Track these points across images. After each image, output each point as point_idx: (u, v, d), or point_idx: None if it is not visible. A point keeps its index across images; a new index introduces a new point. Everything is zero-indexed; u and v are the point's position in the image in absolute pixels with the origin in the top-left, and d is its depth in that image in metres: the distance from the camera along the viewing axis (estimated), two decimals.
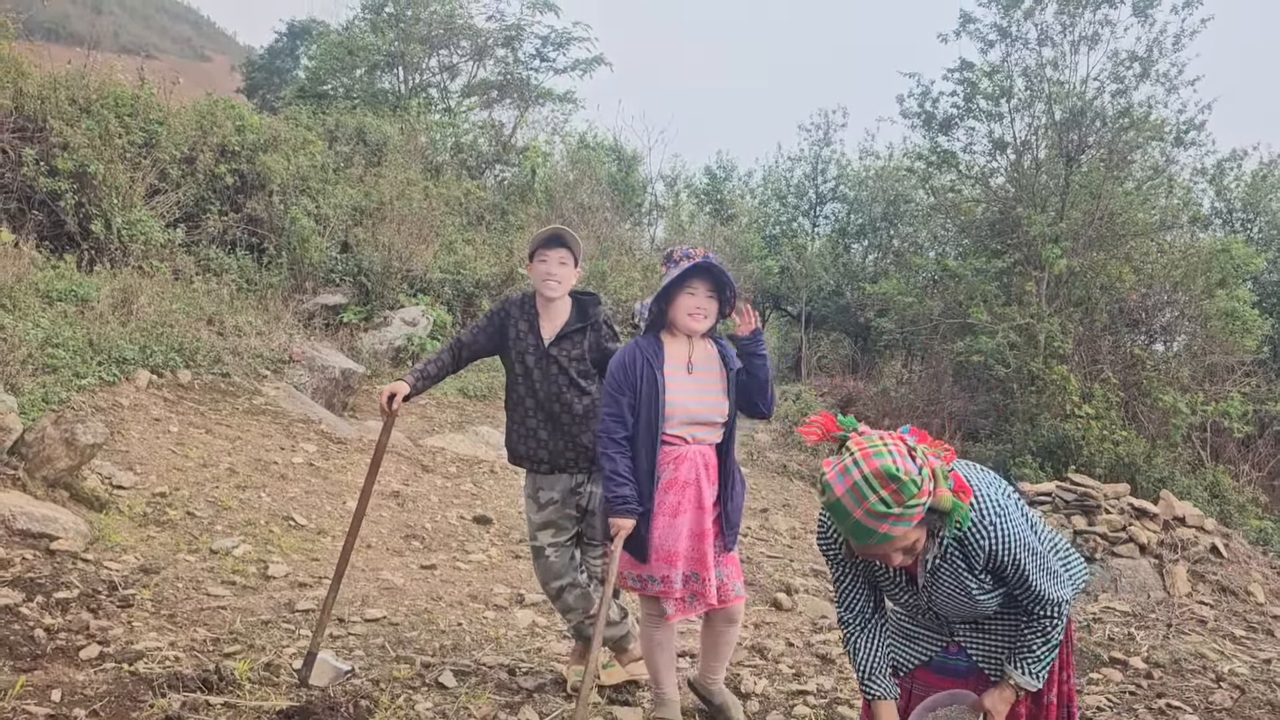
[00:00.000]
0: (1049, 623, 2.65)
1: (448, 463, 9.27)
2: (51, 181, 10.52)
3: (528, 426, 4.31)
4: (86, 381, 7.82)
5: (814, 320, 23.00)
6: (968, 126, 18.69)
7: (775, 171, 25.91)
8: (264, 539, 6.29)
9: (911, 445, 2.48)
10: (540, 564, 4.31)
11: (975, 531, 2.57)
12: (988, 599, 2.67)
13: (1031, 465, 14.46)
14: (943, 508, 2.47)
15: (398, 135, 16.77)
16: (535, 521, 4.32)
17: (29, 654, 4.07)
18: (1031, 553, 2.61)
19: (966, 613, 2.73)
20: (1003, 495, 2.68)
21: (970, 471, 2.71)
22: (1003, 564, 2.58)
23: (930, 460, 2.46)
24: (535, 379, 4.27)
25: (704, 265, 3.77)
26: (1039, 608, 2.64)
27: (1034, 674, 2.69)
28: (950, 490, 2.48)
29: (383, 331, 12.37)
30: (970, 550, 2.59)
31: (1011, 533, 2.58)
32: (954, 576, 2.62)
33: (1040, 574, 2.62)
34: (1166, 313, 17.52)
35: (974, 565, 2.60)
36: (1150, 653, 5.59)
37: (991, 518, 2.58)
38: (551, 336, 4.26)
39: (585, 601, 4.29)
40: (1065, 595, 2.65)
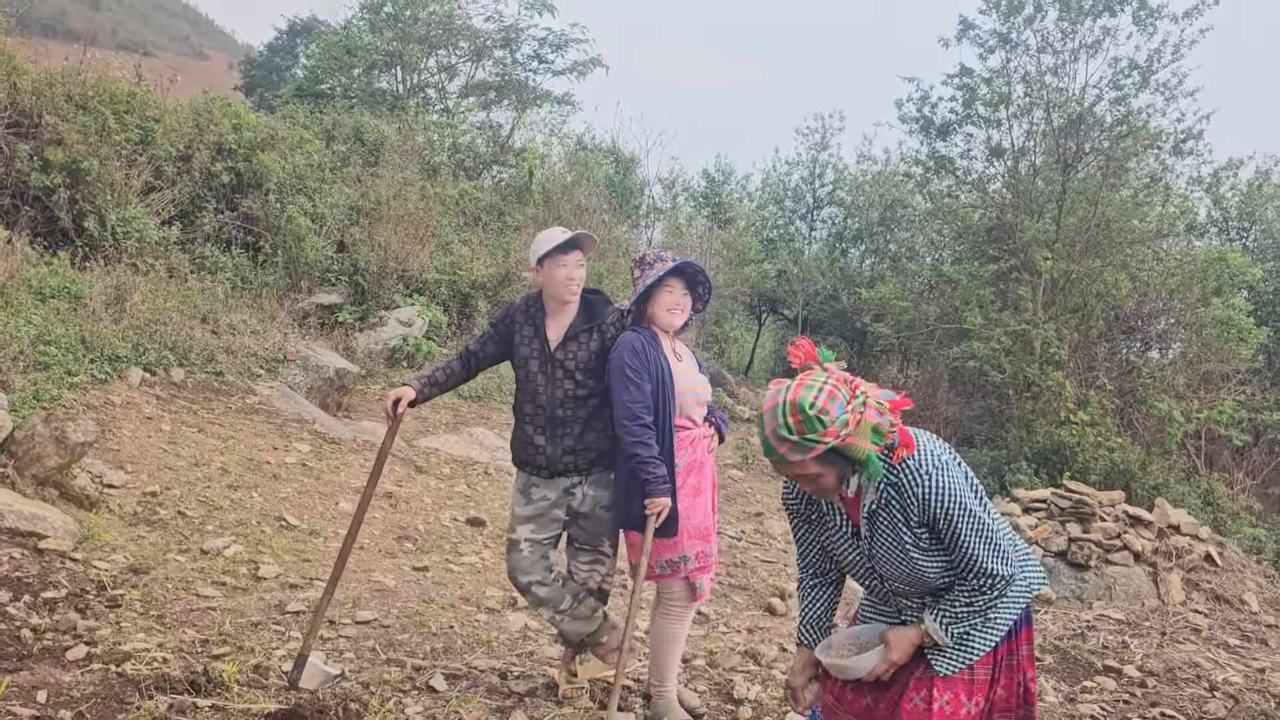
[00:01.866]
0: (979, 593, 2.61)
1: (442, 464, 9.23)
2: (45, 177, 10.47)
3: (526, 434, 4.29)
4: (78, 379, 7.78)
5: (810, 324, 22.99)
6: (965, 132, 18.73)
7: (773, 175, 25.93)
8: (255, 539, 6.26)
9: (858, 394, 2.56)
10: (513, 557, 4.29)
11: (911, 478, 2.60)
12: (926, 560, 2.64)
13: (1026, 472, 14.45)
14: (854, 455, 2.55)
15: (395, 135, 16.72)
16: (519, 515, 4.30)
17: (15, 654, 4.03)
18: (968, 514, 2.58)
19: (908, 576, 2.68)
20: (950, 459, 2.68)
21: (925, 434, 2.74)
22: (935, 517, 2.59)
23: (868, 414, 2.53)
24: (539, 384, 4.23)
25: (680, 266, 4.13)
26: (972, 576, 2.61)
27: (945, 627, 2.65)
28: (879, 445, 2.55)
29: (378, 332, 12.32)
30: (905, 496, 2.61)
31: (947, 485, 2.58)
32: (892, 528, 2.64)
33: (977, 539, 2.59)
34: (1162, 320, 17.55)
35: (910, 515, 2.61)
36: (1144, 661, 5.58)
37: (928, 467, 2.60)
38: (558, 339, 4.22)
39: (556, 598, 4.28)
40: (1004, 572, 2.61)
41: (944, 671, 2.69)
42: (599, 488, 4.27)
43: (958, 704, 2.70)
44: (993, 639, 2.70)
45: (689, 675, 4.94)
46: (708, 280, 4.25)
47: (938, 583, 2.69)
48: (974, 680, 2.72)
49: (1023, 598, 2.74)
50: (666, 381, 4.02)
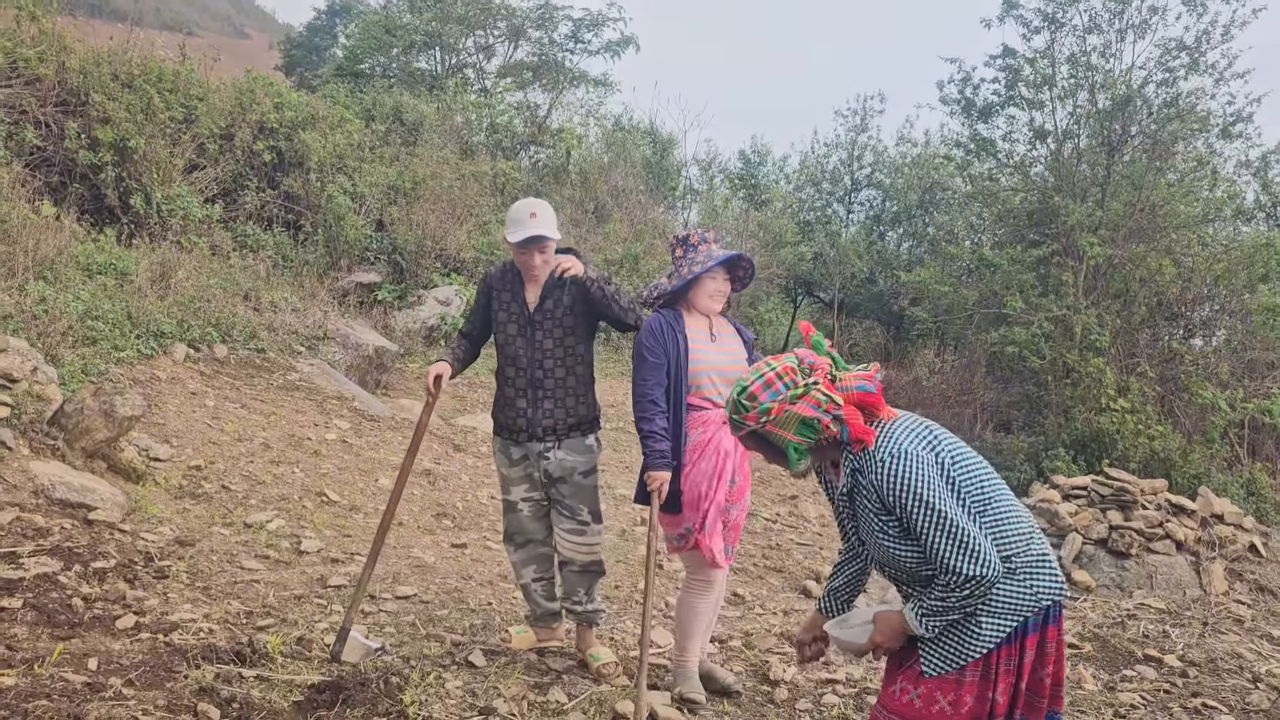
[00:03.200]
0: (950, 590, 2.55)
1: (479, 442, 9.30)
2: (92, 155, 10.63)
3: (508, 396, 4.37)
4: (125, 354, 7.91)
5: (846, 307, 22.80)
6: (1008, 114, 18.43)
7: (811, 157, 25.69)
8: (297, 514, 6.35)
9: (801, 386, 2.61)
10: (512, 517, 4.39)
11: (868, 464, 2.62)
12: (901, 548, 2.62)
13: (1064, 458, 14.28)
14: (775, 443, 2.65)
15: (434, 115, 16.79)
16: (507, 475, 4.40)
17: (66, 622, 4.13)
18: (928, 508, 2.53)
19: (889, 561, 2.68)
20: (919, 447, 2.62)
21: (907, 421, 2.71)
22: (892, 506, 2.59)
23: (800, 407, 2.59)
24: (519, 346, 4.31)
25: (734, 256, 4.21)
26: (939, 572, 2.56)
27: (919, 617, 2.61)
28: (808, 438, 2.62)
29: (416, 310, 12.41)
30: (864, 482, 2.64)
31: (902, 476, 2.55)
32: (865, 511, 2.67)
33: (940, 536, 2.52)
34: (1206, 307, 17.20)
35: (873, 500, 2.63)
36: (1186, 651, 5.52)
37: (884, 455, 2.59)
38: (535, 302, 4.31)
39: (543, 562, 4.40)
40: (973, 572, 2.50)
41: (928, 671, 2.66)
42: (574, 453, 4.33)
43: (930, 700, 2.66)
44: (982, 646, 2.62)
45: (725, 656, 4.97)
46: (751, 266, 4.30)
47: (921, 571, 2.64)
48: (961, 681, 2.65)
49: (1025, 603, 2.62)
50: (682, 362, 4.08)
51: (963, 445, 2.75)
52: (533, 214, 4.21)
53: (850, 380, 2.66)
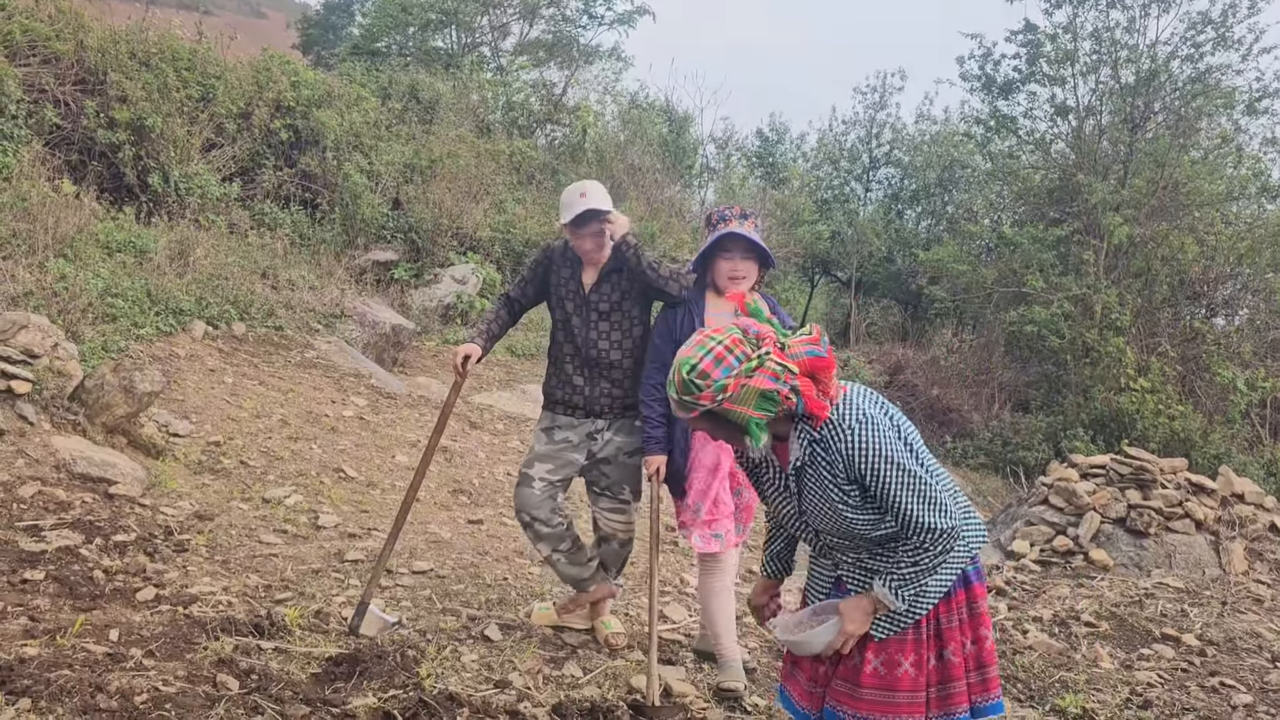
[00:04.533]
0: (923, 550, 2.55)
1: (495, 420, 9.33)
2: (111, 134, 10.66)
3: (565, 373, 4.37)
4: (144, 331, 7.97)
5: (864, 286, 22.69)
6: (1029, 90, 18.26)
7: (829, 135, 25.51)
8: (315, 489, 6.39)
9: (755, 358, 2.49)
10: (522, 490, 4.33)
11: (834, 434, 2.56)
12: (858, 516, 2.59)
13: (1083, 438, 14.21)
14: (734, 420, 2.52)
15: (450, 93, 16.75)
16: (538, 452, 4.36)
17: (88, 594, 4.18)
18: (898, 469, 2.51)
19: (840, 530, 2.65)
20: (879, 412, 2.61)
21: (856, 387, 2.69)
22: (862, 473, 2.54)
23: (758, 380, 2.48)
24: (574, 325, 4.32)
25: (723, 237, 4.04)
26: (910, 531, 2.54)
27: (896, 591, 2.60)
28: (768, 412, 2.50)
29: (433, 289, 12.42)
30: (830, 453, 2.57)
31: (871, 440, 2.52)
32: (819, 485, 2.60)
33: (910, 495, 2.52)
34: (1229, 286, 17.03)
35: (836, 472, 2.57)
36: (1204, 630, 5.50)
37: (851, 422, 2.55)
38: (592, 282, 4.31)
39: (557, 538, 4.35)
40: (944, 524, 2.52)
41: (878, 635, 2.68)
42: (623, 434, 4.35)
43: (893, 665, 2.68)
44: (928, 603, 2.65)
45: (740, 631, 4.97)
46: (759, 246, 4.08)
47: (873, 535, 2.63)
48: (919, 640, 2.69)
49: (961, 555, 2.67)
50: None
51: (894, 406, 2.77)
52: (582, 194, 4.20)
53: (799, 346, 2.56)
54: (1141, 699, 4.57)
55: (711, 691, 4.16)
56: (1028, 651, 5.06)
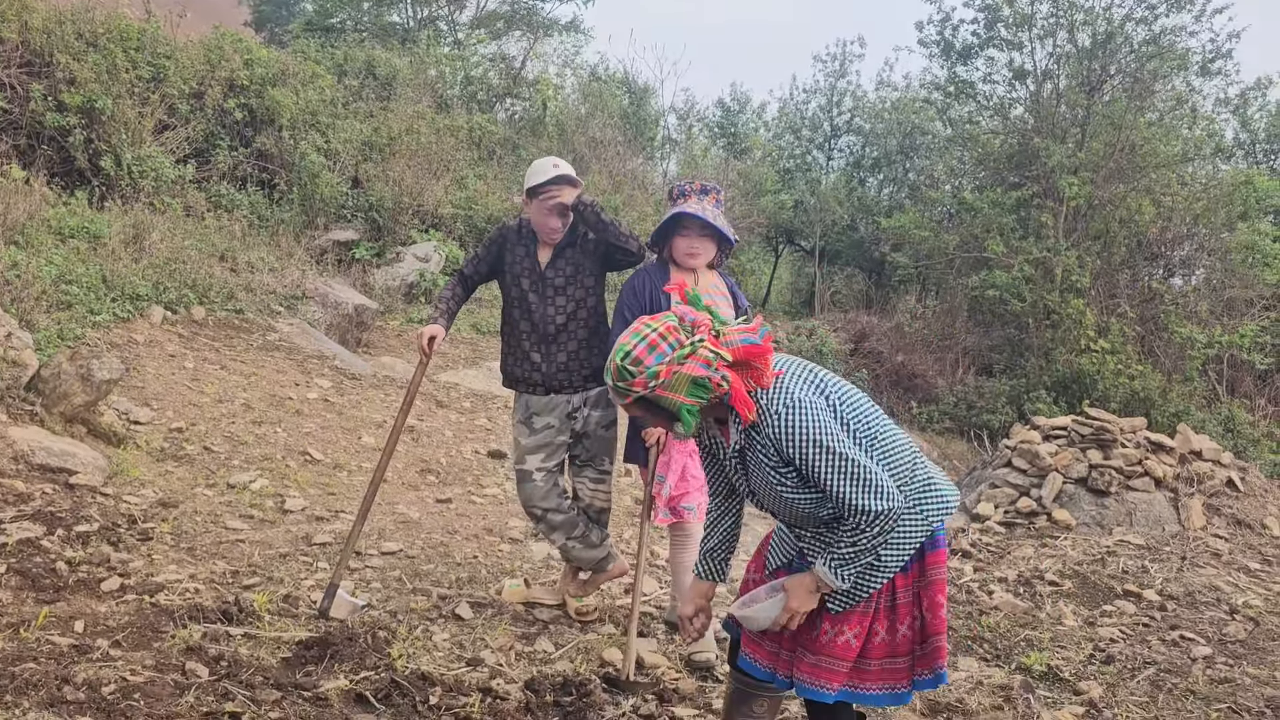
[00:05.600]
0: (860, 532, 2.55)
1: (462, 398, 9.29)
2: (60, 117, 10.44)
3: (522, 349, 4.39)
4: (101, 318, 7.84)
5: (828, 255, 22.77)
6: (987, 55, 18.33)
7: (790, 104, 25.49)
8: (280, 474, 6.34)
9: (687, 345, 2.51)
10: (526, 487, 4.37)
11: (762, 419, 2.58)
12: (798, 497, 2.61)
13: (1046, 400, 14.41)
14: (666, 407, 2.54)
15: (407, 69, 16.53)
16: (526, 445, 4.37)
17: (51, 586, 4.13)
18: (828, 453, 2.52)
19: (788, 511, 2.68)
20: (811, 394, 2.61)
21: (792, 368, 2.69)
22: (790, 457, 2.56)
23: (689, 367, 2.49)
24: (531, 302, 4.33)
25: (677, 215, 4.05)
26: (846, 512, 2.56)
27: (835, 570, 2.61)
28: (700, 398, 2.52)
29: (395, 268, 12.31)
30: (761, 438, 2.60)
31: (798, 425, 2.53)
32: (759, 467, 2.63)
33: (842, 478, 2.52)
34: (1186, 246, 17.27)
35: (769, 455, 2.60)
36: (1164, 585, 5.61)
37: (778, 407, 2.56)
38: (548, 259, 4.34)
39: (570, 524, 4.39)
40: (880, 507, 2.52)
41: (834, 609, 2.70)
42: (600, 408, 4.41)
43: (839, 633, 2.72)
44: (883, 576, 2.67)
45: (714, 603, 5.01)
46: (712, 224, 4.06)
47: (820, 514, 2.64)
48: (857, 612, 2.72)
49: (918, 530, 2.66)
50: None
51: (846, 384, 2.76)
52: (555, 164, 4.25)
53: (734, 334, 2.58)
54: (1104, 654, 4.66)
55: (683, 662, 4.19)
56: (993, 612, 5.15)
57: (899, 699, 2.81)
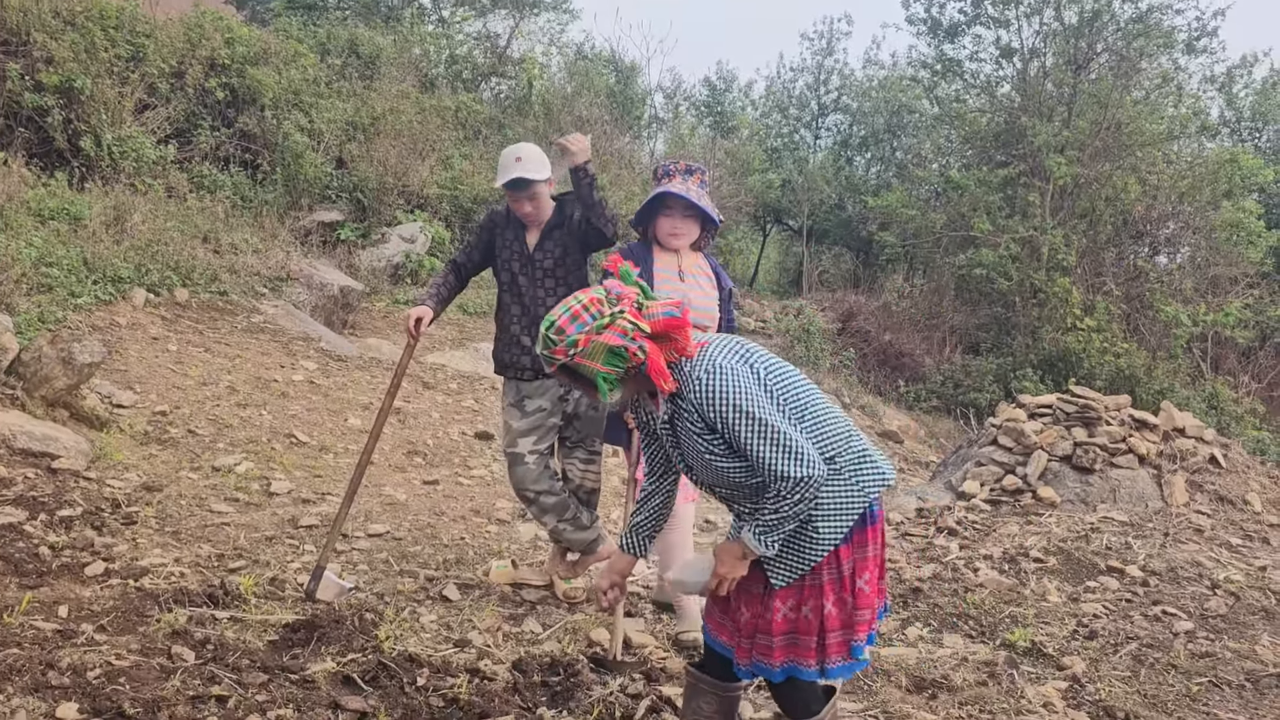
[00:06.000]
0: (782, 499, 2.59)
1: (448, 379, 9.27)
2: (37, 97, 10.30)
3: (511, 334, 4.40)
4: (82, 300, 7.77)
5: (815, 234, 22.75)
6: (974, 33, 18.32)
7: (777, 82, 25.40)
8: (266, 456, 6.32)
9: (606, 315, 2.60)
10: (518, 470, 4.36)
11: (686, 385, 2.65)
12: (727, 465, 2.66)
13: (1032, 378, 14.48)
14: (585, 374, 2.65)
15: (391, 47, 16.37)
16: (517, 429, 4.36)
17: (34, 571, 4.10)
18: (749, 419, 2.58)
19: (718, 480, 2.72)
20: (736, 362, 2.66)
21: (721, 340, 2.77)
22: (712, 421, 2.62)
23: (606, 336, 2.59)
24: (521, 285, 4.34)
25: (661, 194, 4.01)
26: (769, 479, 2.60)
27: (759, 537, 2.64)
28: (617, 368, 2.61)
29: (380, 249, 12.24)
30: (686, 405, 2.67)
31: (720, 390, 2.60)
32: (689, 435, 2.69)
33: (764, 444, 2.57)
34: (1171, 224, 17.35)
35: (694, 421, 2.66)
36: (1147, 561, 5.66)
37: (700, 372, 2.63)
38: (536, 241, 4.35)
39: (561, 506, 4.39)
40: (800, 473, 2.55)
41: (777, 584, 2.72)
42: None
43: (798, 608, 2.73)
44: (822, 549, 2.68)
45: None
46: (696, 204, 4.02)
47: (750, 483, 2.68)
48: (807, 585, 2.72)
49: (855, 500, 2.69)
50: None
51: (777, 359, 2.81)
52: (518, 158, 4.21)
53: (657, 308, 2.66)
54: (1088, 630, 4.70)
55: (670, 641, 4.21)
56: (979, 589, 5.18)
57: (849, 669, 2.81)
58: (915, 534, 6.32)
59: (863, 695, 3.84)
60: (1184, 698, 4.06)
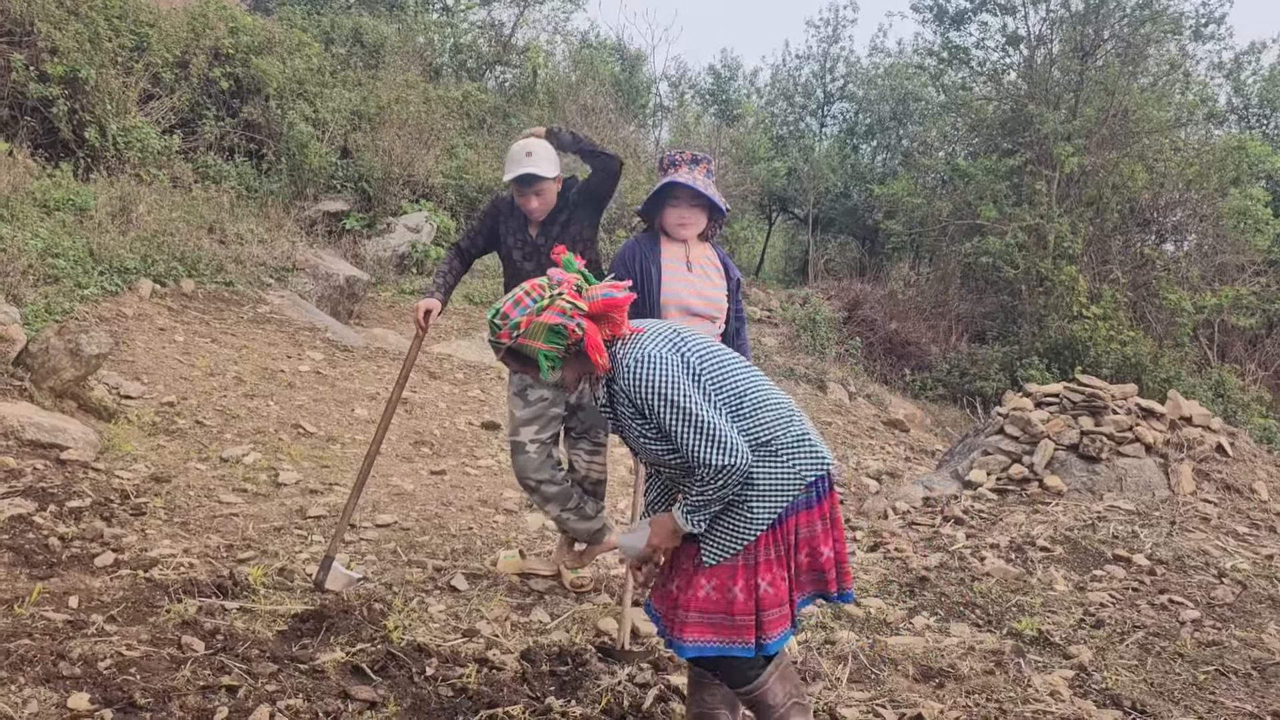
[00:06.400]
0: (706, 483, 2.66)
1: (455, 369, 9.28)
2: (42, 88, 10.31)
3: None
4: (89, 291, 7.79)
5: (821, 223, 22.69)
6: (980, 20, 18.22)
7: (782, 70, 25.30)
8: (273, 447, 6.33)
9: (545, 297, 2.71)
10: (520, 459, 4.38)
11: (617, 370, 2.75)
12: (658, 448, 2.74)
13: (1038, 367, 14.46)
14: (529, 354, 2.75)
15: (395, 36, 16.34)
16: (520, 417, 4.37)
17: (44, 562, 4.12)
18: (672, 405, 2.65)
19: (652, 458, 2.81)
20: (667, 350, 2.72)
21: (656, 328, 2.83)
22: (639, 408, 2.71)
23: (546, 316, 2.68)
24: (526, 271, 4.34)
25: (667, 185, 3.96)
26: (694, 465, 2.67)
27: (686, 516, 2.73)
28: (557, 345, 2.70)
29: (386, 238, 12.25)
30: (618, 390, 2.76)
31: (647, 378, 2.67)
32: (624, 417, 2.79)
33: (688, 431, 2.64)
34: (1178, 212, 17.28)
35: (625, 406, 2.75)
36: (1154, 550, 5.65)
37: (630, 360, 2.71)
38: (539, 229, 4.38)
39: (564, 496, 4.40)
40: (723, 462, 2.62)
41: (708, 560, 2.77)
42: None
43: (724, 589, 2.75)
44: (755, 529, 2.72)
45: None
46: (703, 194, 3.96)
47: (681, 465, 2.75)
48: (740, 565, 2.74)
49: (791, 483, 2.73)
50: (652, 290, 3.99)
51: (714, 346, 2.86)
52: (528, 153, 4.22)
53: (597, 290, 2.76)
54: (1094, 619, 4.70)
55: None
56: (985, 578, 5.18)
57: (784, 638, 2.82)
58: (922, 523, 6.33)
59: (870, 684, 3.85)
60: (1191, 686, 4.06)
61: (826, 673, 3.90)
